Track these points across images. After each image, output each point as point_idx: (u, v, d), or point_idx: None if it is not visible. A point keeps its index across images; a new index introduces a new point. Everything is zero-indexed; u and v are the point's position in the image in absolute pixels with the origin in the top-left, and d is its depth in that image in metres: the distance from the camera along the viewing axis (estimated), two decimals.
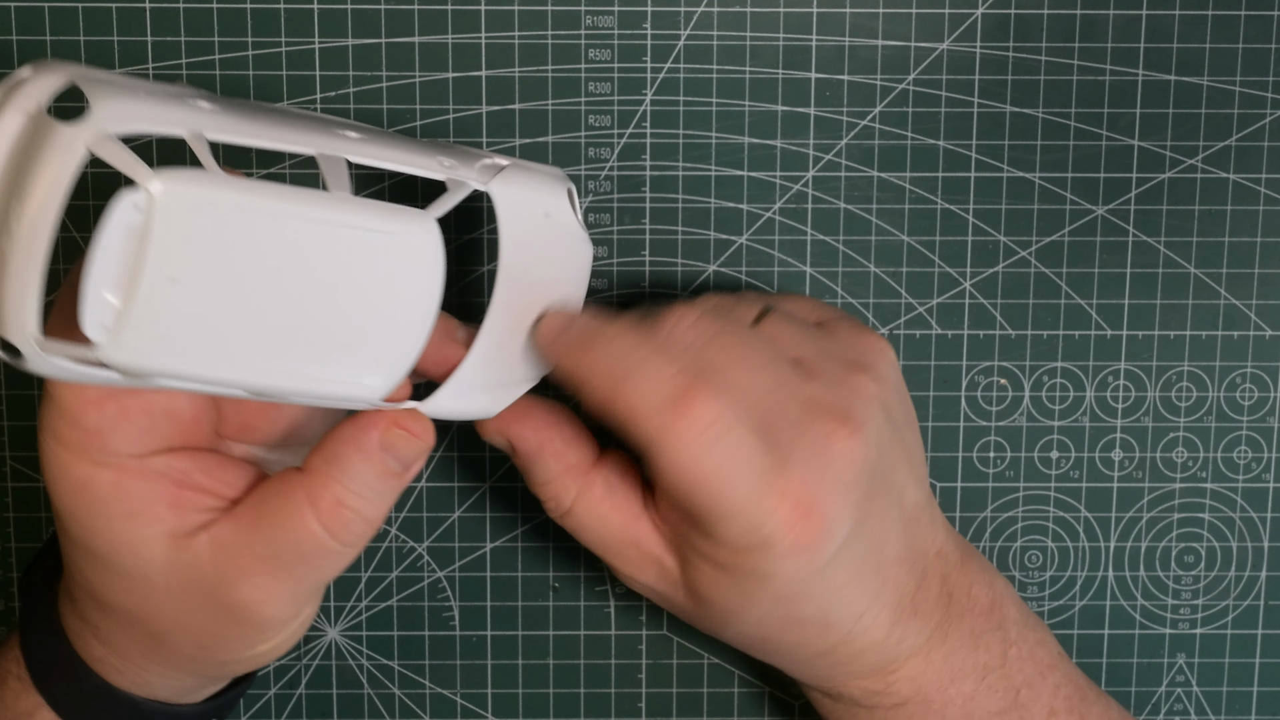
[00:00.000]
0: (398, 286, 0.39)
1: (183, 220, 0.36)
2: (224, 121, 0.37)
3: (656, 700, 0.54)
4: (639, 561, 0.45)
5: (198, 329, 0.37)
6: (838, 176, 0.51)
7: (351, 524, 0.41)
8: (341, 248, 0.38)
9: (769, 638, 0.45)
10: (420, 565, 0.53)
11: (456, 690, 0.54)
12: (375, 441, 0.41)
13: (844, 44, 0.51)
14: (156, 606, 0.41)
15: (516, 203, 0.42)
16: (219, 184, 0.36)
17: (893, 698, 0.46)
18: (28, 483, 0.52)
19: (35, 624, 0.45)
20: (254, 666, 0.45)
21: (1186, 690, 0.54)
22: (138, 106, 0.36)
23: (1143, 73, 0.51)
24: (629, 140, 0.51)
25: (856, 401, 0.43)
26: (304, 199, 0.37)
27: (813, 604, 0.43)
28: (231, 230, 0.36)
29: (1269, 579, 0.54)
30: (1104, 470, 0.53)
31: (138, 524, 0.40)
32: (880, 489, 0.44)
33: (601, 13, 0.50)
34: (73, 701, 0.44)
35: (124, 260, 0.35)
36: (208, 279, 0.36)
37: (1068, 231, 0.52)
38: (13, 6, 0.50)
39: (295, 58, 0.50)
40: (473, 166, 0.42)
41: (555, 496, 0.45)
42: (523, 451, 0.45)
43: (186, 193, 0.36)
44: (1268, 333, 0.52)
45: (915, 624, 0.45)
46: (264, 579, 0.41)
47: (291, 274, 0.38)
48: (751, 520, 0.41)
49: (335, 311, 0.39)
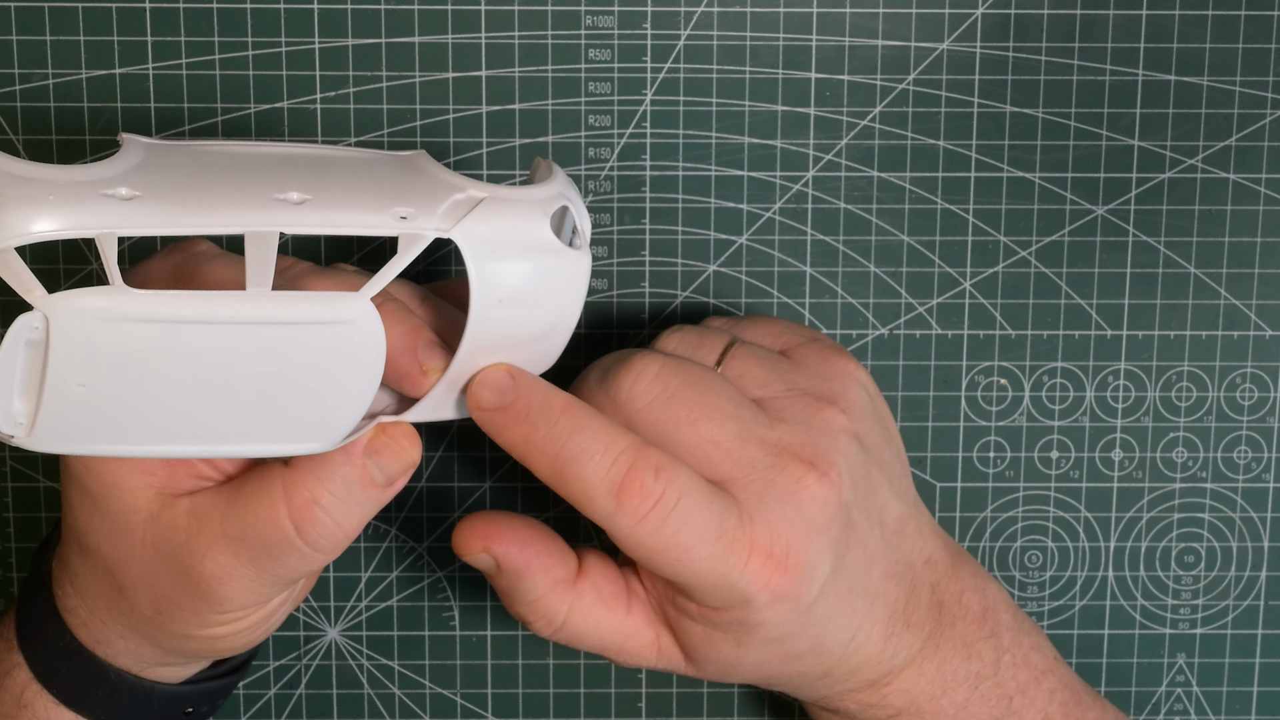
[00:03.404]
0: (331, 369, 0.38)
1: (81, 336, 0.36)
2: (142, 212, 0.36)
3: (656, 700, 0.54)
4: (638, 651, 0.45)
5: (114, 418, 0.38)
6: (838, 176, 0.51)
7: (320, 524, 0.41)
8: (263, 342, 0.37)
9: (771, 676, 0.45)
10: (420, 565, 0.53)
11: (456, 690, 0.54)
12: (361, 446, 0.41)
13: (844, 44, 0.51)
14: (128, 557, 0.42)
15: (487, 242, 0.40)
16: (119, 298, 0.36)
17: (887, 709, 0.46)
18: (28, 483, 0.52)
19: (31, 584, 0.46)
20: (212, 650, 0.45)
21: (1186, 690, 0.54)
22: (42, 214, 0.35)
23: (1143, 73, 0.51)
24: (629, 140, 0.51)
25: (824, 440, 0.43)
26: (216, 302, 0.37)
27: (804, 640, 0.44)
28: (137, 340, 0.36)
29: (1269, 579, 0.54)
30: (1104, 470, 0.53)
31: (129, 468, 0.41)
32: (858, 519, 0.44)
33: (601, 13, 0.50)
34: (44, 659, 0.45)
35: (30, 370, 0.36)
36: (118, 382, 0.37)
37: (1068, 231, 0.52)
38: (13, 6, 0.50)
39: (295, 58, 0.50)
40: (440, 206, 0.40)
41: (546, 615, 0.44)
42: (509, 569, 0.43)
43: (82, 311, 0.36)
44: (1268, 333, 0.52)
45: (908, 636, 0.46)
46: (226, 557, 0.41)
47: (211, 371, 0.37)
48: (722, 580, 0.42)
49: (263, 399, 0.38)
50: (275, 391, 0.38)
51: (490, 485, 0.53)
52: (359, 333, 0.38)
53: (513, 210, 0.40)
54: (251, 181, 0.38)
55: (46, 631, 0.45)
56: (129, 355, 0.36)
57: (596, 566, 0.45)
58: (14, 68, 0.50)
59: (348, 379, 0.39)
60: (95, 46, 0.50)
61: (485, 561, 0.44)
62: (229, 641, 0.44)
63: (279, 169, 0.39)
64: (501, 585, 0.44)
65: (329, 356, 0.38)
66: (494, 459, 0.53)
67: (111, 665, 0.45)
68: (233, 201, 0.37)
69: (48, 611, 0.45)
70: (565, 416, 0.41)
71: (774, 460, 0.43)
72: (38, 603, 0.46)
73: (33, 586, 0.46)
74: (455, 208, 0.40)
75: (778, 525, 0.42)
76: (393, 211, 0.39)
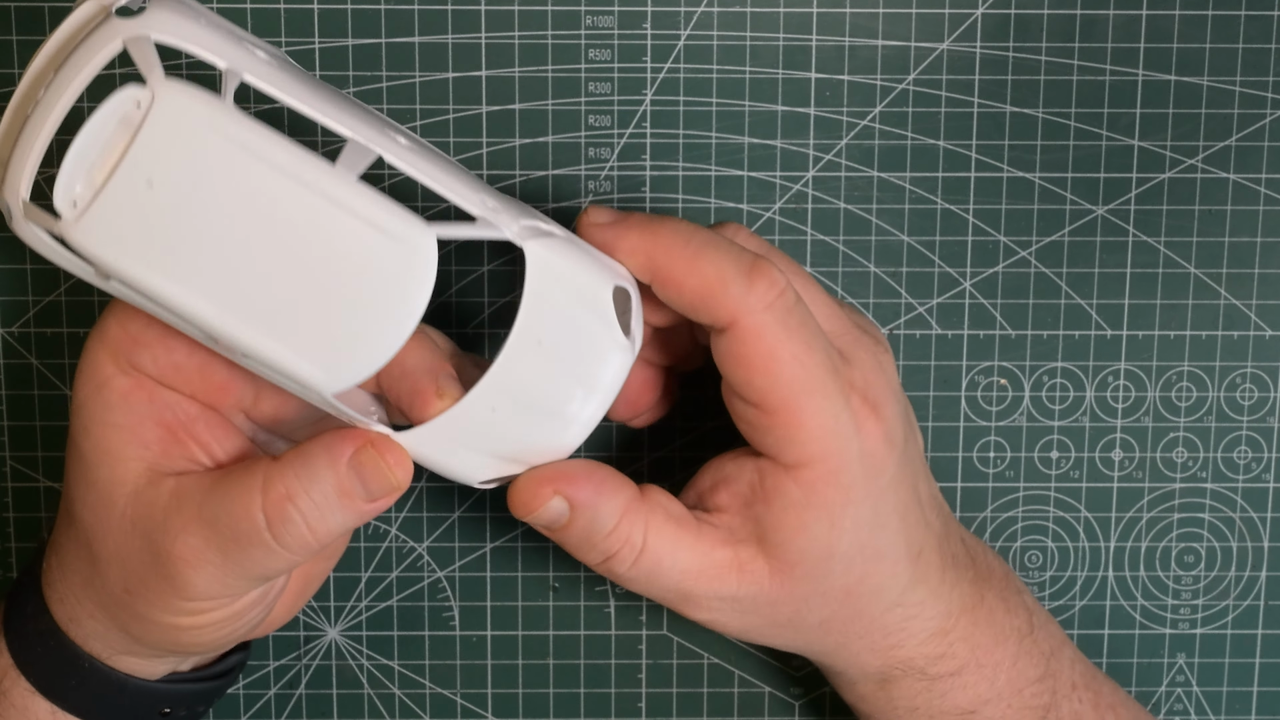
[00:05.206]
0: (375, 288, 0.38)
1: (175, 131, 0.36)
2: (269, 71, 0.37)
3: (656, 700, 0.54)
4: (718, 574, 0.44)
5: (160, 239, 0.37)
6: (838, 176, 0.51)
7: (292, 524, 0.40)
8: (327, 225, 0.37)
9: (850, 591, 0.44)
10: (420, 565, 0.53)
11: (456, 690, 0.54)
12: (347, 454, 0.40)
13: (844, 44, 0.51)
14: (106, 530, 0.42)
15: (550, 271, 0.40)
16: (225, 114, 0.36)
17: (952, 661, 0.46)
18: (27, 483, 0.52)
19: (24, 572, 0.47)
20: (174, 642, 0.44)
21: (1186, 690, 0.54)
22: (190, 26, 0.36)
23: (1143, 73, 0.51)
24: (629, 140, 0.51)
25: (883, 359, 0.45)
26: (306, 164, 0.37)
27: (886, 531, 0.44)
28: (221, 162, 0.36)
29: (1269, 579, 0.54)
30: (1104, 470, 0.53)
31: (126, 439, 0.42)
32: (910, 421, 0.45)
33: (601, 13, 0.50)
34: (23, 644, 0.45)
35: (110, 148, 0.36)
36: (183, 197, 0.36)
37: (1068, 231, 0.52)
38: (13, 6, 0.50)
39: (295, 58, 0.50)
40: (517, 220, 0.40)
41: (627, 539, 0.43)
42: (583, 505, 0.42)
43: (188, 106, 0.36)
44: (1268, 333, 0.52)
45: (956, 573, 0.46)
46: (197, 540, 0.41)
47: (268, 229, 0.37)
48: (830, 401, 0.42)
49: (302, 283, 0.38)
50: (315, 284, 0.38)
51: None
52: (414, 260, 0.38)
53: (587, 263, 0.41)
54: (368, 113, 0.40)
55: (27, 610, 0.45)
56: (206, 173, 0.36)
57: (655, 491, 0.44)
58: (14, 68, 0.50)
59: (384, 306, 0.38)
60: None
61: (556, 509, 0.42)
62: (193, 635, 0.43)
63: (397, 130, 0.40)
64: (574, 530, 0.43)
65: (377, 271, 0.38)
66: None
67: (82, 649, 0.45)
68: (348, 112, 0.38)
69: (31, 589, 0.45)
70: (687, 223, 0.43)
71: (855, 325, 0.45)
72: (25, 585, 0.46)
73: (24, 573, 0.47)
74: (533, 230, 0.40)
75: (869, 374, 0.44)
76: (482, 198, 0.39)
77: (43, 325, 0.51)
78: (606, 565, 0.44)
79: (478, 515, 0.53)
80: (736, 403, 0.43)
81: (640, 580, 0.44)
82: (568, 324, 0.40)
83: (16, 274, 0.51)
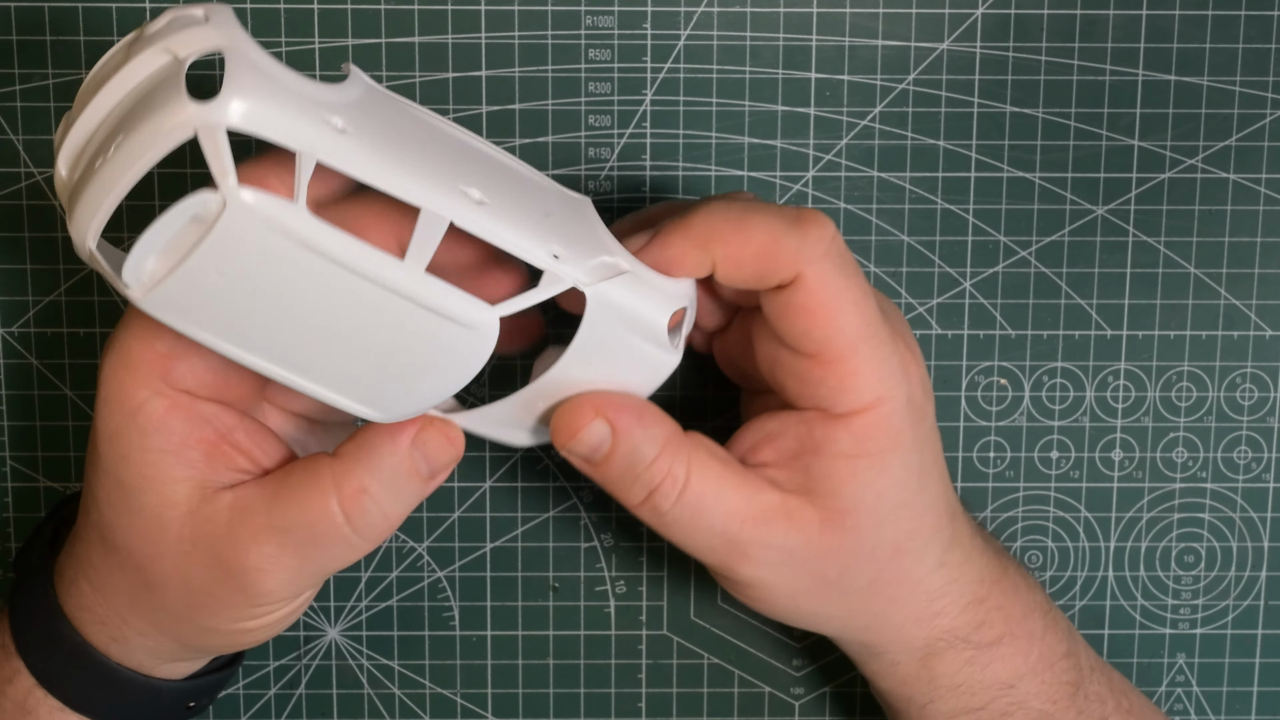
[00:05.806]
0: (438, 362, 0.40)
1: (245, 234, 0.37)
2: (346, 149, 0.37)
3: (656, 700, 0.54)
4: (764, 518, 0.43)
5: (224, 314, 0.38)
6: (838, 176, 0.51)
7: (369, 514, 0.41)
8: (392, 310, 0.39)
9: (899, 548, 0.44)
10: (420, 565, 0.53)
11: (456, 690, 0.54)
12: (408, 437, 0.41)
13: (844, 44, 0.51)
14: (160, 553, 0.42)
15: (612, 309, 0.41)
16: (298, 219, 0.37)
17: (991, 630, 0.46)
18: (27, 483, 0.52)
19: (25, 588, 0.46)
20: (235, 644, 0.45)
21: (1186, 690, 0.54)
22: (265, 112, 0.36)
23: (1143, 73, 0.51)
24: (629, 140, 0.51)
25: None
26: (375, 261, 0.38)
27: (929, 481, 0.44)
28: (289, 261, 0.37)
29: (1269, 579, 0.54)
30: (1104, 470, 0.53)
31: (171, 462, 0.41)
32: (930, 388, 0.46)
33: (601, 13, 0.50)
34: (48, 664, 0.45)
35: (181, 238, 0.37)
36: (249, 287, 0.38)
37: (1068, 231, 0.52)
38: (13, 6, 0.50)
39: (295, 58, 0.50)
40: (590, 260, 0.41)
41: (669, 472, 0.42)
42: (625, 430, 0.42)
43: (259, 215, 0.37)
44: (1268, 333, 0.52)
45: (983, 541, 0.47)
46: (272, 548, 0.41)
47: (334, 312, 0.39)
48: (883, 347, 0.42)
49: (367, 356, 0.39)
50: (375, 353, 0.40)
51: (490, 485, 0.53)
52: (476, 340, 0.40)
53: (648, 295, 0.42)
54: (445, 164, 0.40)
55: (51, 633, 0.45)
56: (274, 268, 0.37)
57: (698, 434, 0.43)
58: (14, 68, 0.50)
59: (443, 373, 0.40)
60: (95, 46, 0.50)
61: (599, 433, 0.42)
62: (255, 635, 0.44)
63: (470, 162, 0.41)
64: (615, 460, 0.42)
65: (440, 347, 0.40)
66: (494, 459, 0.53)
67: (121, 665, 0.45)
68: (424, 176, 0.38)
69: (51, 612, 0.45)
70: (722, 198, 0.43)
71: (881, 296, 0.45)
72: (37, 604, 0.45)
73: (26, 589, 0.46)
74: (600, 268, 0.41)
75: (902, 322, 0.45)
76: (547, 246, 0.40)
77: (43, 325, 0.51)
78: (651, 502, 0.43)
79: (478, 515, 0.53)
80: (787, 357, 0.42)
81: (685, 520, 0.43)
82: (620, 348, 0.42)
83: (16, 274, 0.51)
